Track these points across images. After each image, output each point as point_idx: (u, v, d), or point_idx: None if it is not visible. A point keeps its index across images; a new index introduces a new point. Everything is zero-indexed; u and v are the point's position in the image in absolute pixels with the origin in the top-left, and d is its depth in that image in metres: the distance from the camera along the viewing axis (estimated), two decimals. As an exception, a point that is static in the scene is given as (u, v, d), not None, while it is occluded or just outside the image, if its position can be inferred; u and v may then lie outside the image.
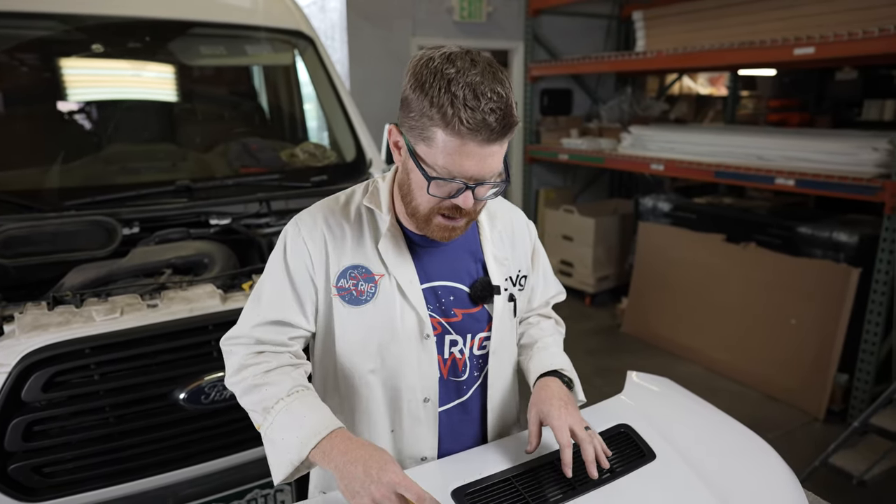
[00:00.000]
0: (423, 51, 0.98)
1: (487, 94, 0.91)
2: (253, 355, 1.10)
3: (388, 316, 1.10)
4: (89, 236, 1.90)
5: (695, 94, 7.27)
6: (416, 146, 0.97)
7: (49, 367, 1.53)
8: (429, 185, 0.97)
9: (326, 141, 2.91)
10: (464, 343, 1.17)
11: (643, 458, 1.19)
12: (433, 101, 0.91)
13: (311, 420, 1.01)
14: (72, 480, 1.59)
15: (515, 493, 1.07)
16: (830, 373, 3.40)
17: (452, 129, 0.91)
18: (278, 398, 1.04)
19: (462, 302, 1.16)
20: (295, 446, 0.99)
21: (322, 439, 0.98)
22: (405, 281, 1.11)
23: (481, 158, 0.94)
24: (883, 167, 3.07)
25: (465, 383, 1.20)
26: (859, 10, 3.17)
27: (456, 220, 1.03)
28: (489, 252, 1.19)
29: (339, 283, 1.10)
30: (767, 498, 1.16)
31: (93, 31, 2.39)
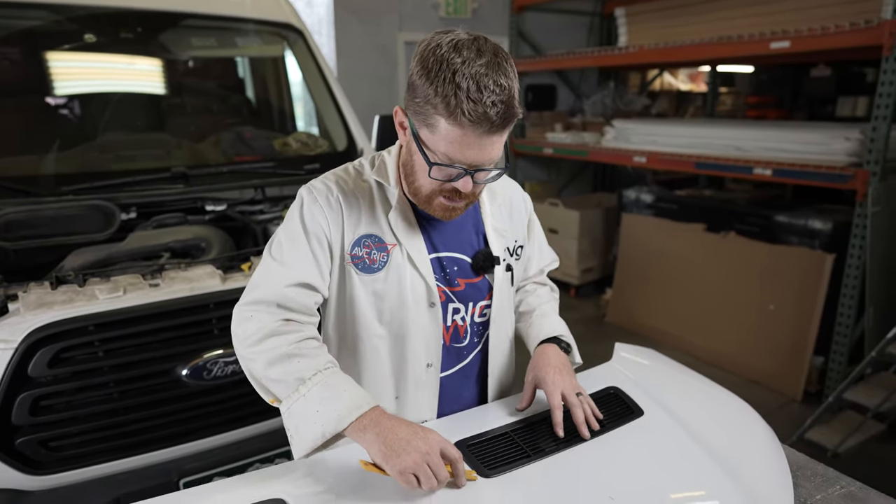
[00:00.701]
0: (433, 34, 1.00)
1: (490, 87, 0.93)
2: (283, 323, 1.07)
3: (399, 284, 1.15)
4: (88, 220, 1.93)
5: (675, 90, 7.43)
6: (420, 131, 1.01)
7: (54, 343, 1.56)
8: (430, 169, 1.02)
9: (317, 131, 2.95)
10: (465, 311, 1.23)
11: (632, 415, 1.27)
12: (438, 90, 0.94)
13: (351, 394, 1.01)
14: (77, 454, 1.63)
15: (513, 445, 1.14)
16: (807, 355, 3.52)
17: (455, 119, 0.94)
18: (316, 370, 1.02)
19: (465, 272, 1.22)
20: (332, 419, 0.98)
21: (363, 413, 0.99)
22: (415, 251, 1.15)
23: (481, 147, 0.98)
24: (855, 156, 3.20)
25: (465, 349, 1.26)
26: (833, 5, 3.30)
27: (456, 201, 1.08)
28: (490, 225, 1.25)
29: (353, 251, 1.13)
30: (748, 448, 1.24)
31: (85, 21, 2.41)
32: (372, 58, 4.84)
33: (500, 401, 1.32)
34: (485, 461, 1.08)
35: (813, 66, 6.86)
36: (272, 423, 1.89)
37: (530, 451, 1.11)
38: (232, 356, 1.76)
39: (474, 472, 1.04)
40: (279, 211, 2.36)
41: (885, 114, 2.96)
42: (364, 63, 4.82)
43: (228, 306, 1.76)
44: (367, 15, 4.75)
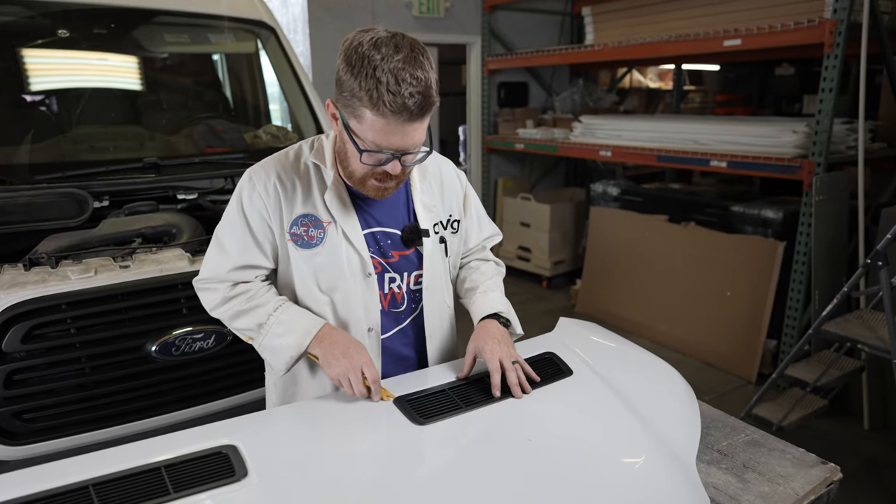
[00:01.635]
0: (355, 33, 1.11)
1: (408, 80, 1.04)
2: (231, 288, 1.30)
3: (336, 258, 1.28)
4: (61, 207, 2.02)
5: (645, 88, 7.62)
6: (349, 121, 1.12)
7: (28, 320, 1.65)
8: (361, 155, 1.13)
9: (289, 125, 3.05)
10: (401, 280, 1.36)
11: (561, 374, 1.39)
12: (361, 84, 1.05)
13: (302, 323, 1.26)
14: (51, 426, 1.72)
15: (449, 399, 1.26)
16: (760, 339, 3.70)
17: (378, 110, 1.06)
18: (268, 314, 1.27)
19: (397, 245, 1.34)
20: (294, 345, 1.25)
21: (315, 334, 1.25)
22: (349, 228, 1.28)
23: (404, 134, 1.10)
24: (801, 148, 3.38)
25: (403, 314, 1.39)
26: (782, 5, 3.47)
27: (387, 182, 1.20)
28: (419, 201, 1.37)
29: (291, 229, 1.27)
30: (664, 403, 1.37)
31: (59, 16, 2.48)
32: (346, 55, 4.93)
33: (443, 364, 1.44)
34: (420, 412, 1.20)
35: (777, 65, 7.10)
36: (240, 398, 2.00)
37: (462, 404, 1.24)
38: (200, 333, 1.86)
39: (390, 393, 1.24)
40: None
41: (827, 108, 3.14)
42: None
43: (196, 287, 1.90)
44: (341, 14, 4.85)
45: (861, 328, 2.66)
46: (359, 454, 1.09)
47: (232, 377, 1.98)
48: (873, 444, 3.10)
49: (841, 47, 3.02)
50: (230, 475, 0.99)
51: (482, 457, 1.11)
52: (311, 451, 1.09)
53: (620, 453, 1.17)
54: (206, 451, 1.05)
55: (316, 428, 1.16)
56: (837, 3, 3.01)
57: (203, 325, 1.87)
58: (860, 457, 2.98)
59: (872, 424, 3.20)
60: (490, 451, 1.12)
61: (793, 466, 1.23)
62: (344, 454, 1.09)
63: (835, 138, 3.32)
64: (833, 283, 3.30)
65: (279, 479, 1.00)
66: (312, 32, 4.77)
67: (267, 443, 1.11)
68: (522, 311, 1.39)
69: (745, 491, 1.17)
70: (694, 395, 1.47)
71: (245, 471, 1.00)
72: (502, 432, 1.17)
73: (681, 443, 1.24)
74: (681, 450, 1.22)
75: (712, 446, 1.33)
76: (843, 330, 2.64)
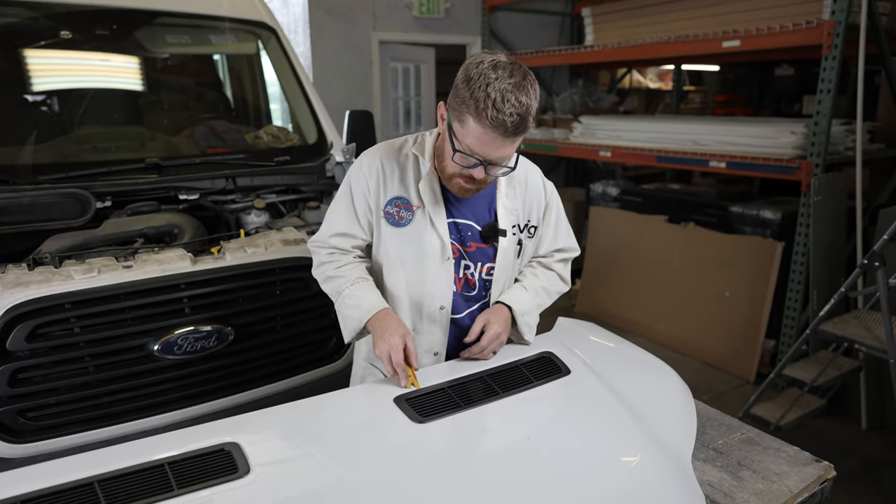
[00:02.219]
0: (480, 52, 1.30)
1: (512, 101, 1.20)
2: (328, 255, 1.52)
3: (419, 239, 1.45)
4: (64, 207, 2.04)
5: (645, 88, 7.63)
6: (454, 123, 1.29)
7: (31, 319, 1.67)
8: (454, 154, 1.29)
9: (290, 126, 3.07)
10: (475, 268, 1.52)
11: (559, 373, 1.41)
12: (473, 94, 1.21)
13: (367, 301, 1.44)
14: (55, 424, 1.73)
15: (447, 398, 1.28)
16: (759, 339, 3.71)
17: (479, 120, 1.22)
18: (345, 286, 1.47)
19: (476, 237, 1.50)
20: (357, 318, 1.44)
21: (374, 314, 1.42)
22: (435, 214, 1.45)
23: (495, 147, 1.25)
24: (800, 149, 3.39)
25: (474, 298, 1.55)
26: (781, 7, 3.49)
27: (470, 184, 1.36)
28: (501, 203, 1.51)
29: (385, 208, 1.46)
30: (661, 402, 1.39)
31: (61, 18, 2.50)
32: (346, 56, 4.96)
33: (454, 361, 1.48)
34: (420, 410, 1.22)
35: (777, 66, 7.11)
36: (242, 397, 2.01)
37: (461, 402, 1.25)
38: (202, 333, 1.88)
39: (418, 382, 1.33)
40: (250, 200, 2.47)
41: (825, 109, 3.15)
42: (339, 61, 4.94)
43: (198, 286, 1.92)
44: (342, 14, 4.86)
45: (858, 328, 2.67)
46: (359, 452, 1.11)
47: (234, 376, 2.00)
48: (871, 443, 3.12)
49: (839, 49, 3.04)
50: (233, 472, 1.01)
51: (481, 455, 1.13)
52: (312, 449, 1.11)
53: (617, 451, 1.19)
54: (209, 448, 1.06)
55: (317, 425, 1.17)
56: (835, 4, 3.02)
57: (205, 324, 1.89)
58: (858, 456, 3.00)
59: (870, 424, 3.21)
60: (488, 449, 1.14)
61: (787, 464, 1.25)
62: (345, 452, 1.10)
63: (833, 139, 3.34)
64: (831, 284, 3.32)
65: (280, 476, 1.02)
66: (313, 33, 4.78)
67: (269, 440, 1.13)
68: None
69: (739, 488, 1.19)
70: (690, 394, 1.48)
71: (247, 468, 1.02)
72: (501, 430, 1.19)
73: (677, 441, 1.26)
74: (677, 448, 1.24)
75: (708, 444, 1.34)
76: (841, 330, 2.66)
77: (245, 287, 2.00)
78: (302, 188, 2.66)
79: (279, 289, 2.07)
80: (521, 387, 1.32)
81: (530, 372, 1.38)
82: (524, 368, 1.40)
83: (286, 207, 2.65)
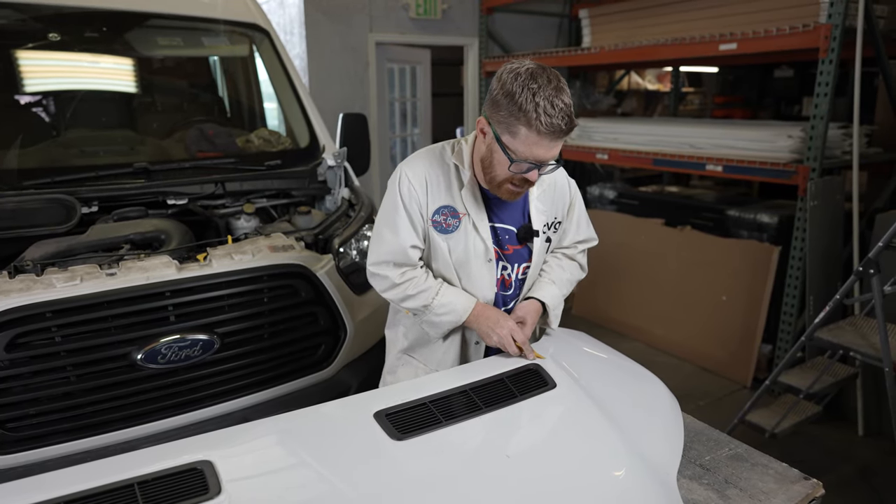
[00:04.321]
0: (510, 63, 1.36)
1: (560, 106, 1.29)
2: (401, 275, 1.55)
3: (466, 243, 1.54)
4: (49, 213, 2.01)
5: (643, 90, 7.60)
6: (502, 136, 1.35)
7: (11, 329, 1.65)
8: (510, 165, 1.36)
9: (282, 129, 3.04)
10: (511, 269, 1.61)
11: (545, 386, 1.39)
12: (521, 106, 1.28)
13: (461, 302, 1.54)
14: (35, 435, 1.71)
15: (428, 413, 1.25)
16: (756, 344, 3.69)
17: (534, 129, 1.29)
18: (432, 297, 1.54)
19: (513, 239, 1.59)
20: (454, 322, 1.55)
21: (471, 311, 1.54)
22: (479, 220, 1.53)
23: (548, 149, 1.34)
24: (797, 153, 3.36)
25: (510, 297, 1.65)
26: (777, 10, 3.46)
27: (522, 188, 1.44)
28: (534, 206, 1.60)
29: (434, 217, 1.52)
30: (647, 416, 1.37)
31: (51, 20, 2.47)
32: (343, 57, 4.93)
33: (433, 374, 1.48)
34: (399, 426, 1.19)
35: (776, 68, 7.07)
36: (226, 406, 1.99)
37: (442, 418, 1.23)
38: (186, 341, 1.85)
39: (541, 354, 1.51)
40: (240, 205, 2.45)
41: (822, 113, 3.12)
42: (335, 63, 4.91)
43: (184, 294, 1.89)
44: (338, 15, 4.83)
45: (854, 335, 2.64)
46: (334, 471, 1.08)
47: (220, 385, 1.97)
48: (867, 450, 3.09)
49: (836, 52, 3.00)
50: (203, 493, 0.98)
51: (460, 473, 1.10)
52: (286, 467, 1.09)
53: (600, 469, 1.17)
54: (180, 467, 1.04)
55: (293, 443, 1.15)
56: (832, 8, 2.99)
57: (190, 332, 1.86)
58: (854, 463, 2.97)
59: (866, 431, 3.18)
60: (468, 468, 1.12)
61: (775, 482, 1.22)
62: (320, 471, 1.08)
63: (830, 143, 3.31)
64: (828, 288, 3.29)
65: (252, 496, 0.99)
66: (309, 34, 4.75)
67: (243, 458, 1.10)
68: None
69: (725, 507, 1.16)
70: (679, 408, 1.46)
71: (218, 488, 0.99)
72: (481, 448, 1.17)
73: (663, 458, 1.24)
74: (662, 465, 1.22)
75: (695, 461, 1.32)
76: (836, 337, 2.63)
77: (231, 295, 1.97)
78: (293, 193, 2.63)
79: (266, 296, 2.04)
80: (504, 401, 1.30)
81: (515, 385, 1.36)
82: (509, 382, 1.37)
83: (277, 212, 2.63)
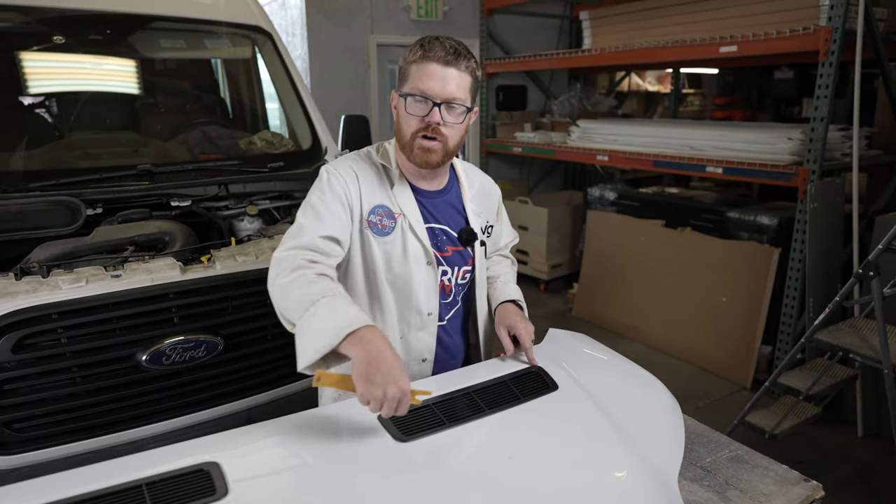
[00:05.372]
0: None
1: (446, 40, 1.30)
2: (308, 262, 1.26)
3: (404, 246, 1.43)
4: (54, 215, 2.02)
5: (644, 91, 7.61)
6: (401, 88, 1.35)
7: (18, 330, 1.66)
8: (405, 102, 1.31)
9: (285, 131, 3.05)
10: (451, 273, 1.52)
11: (547, 389, 1.40)
12: (411, 52, 1.32)
13: (352, 313, 1.15)
14: (41, 435, 1.72)
15: (432, 415, 1.26)
16: (756, 345, 3.70)
17: (418, 59, 1.30)
18: (325, 294, 1.17)
19: (452, 241, 1.51)
20: (333, 331, 1.10)
21: (360, 328, 1.11)
22: (414, 220, 1.43)
23: (441, 79, 1.28)
24: (797, 155, 3.38)
25: (450, 304, 1.55)
26: (778, 12, 3.47)
27: (433, 141, 1.33)
28: (470, 207, 1.54)
29: (369, 217, 1.40)
30: (648, 419, 1.38)
31: (54, 23, 2.49)
32: (344, 59, 4.94)
33: (445, 374, 1.48)
34: (403, 428, 1.21)
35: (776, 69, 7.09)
36: (231, 407, 2.00)
37: (445, 420, 1.24)
38: (191, 343, 1.87)
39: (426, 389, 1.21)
40: (243, 207, 2.46)
41: (822, 115, 3.14)
42: (337, 64, 4.92)
43: (188, 296, 1.90)
44: (340, 17, 4.85)
45: (853, 337, 2.66)
46: (340, 472, 1.10)
47: (224, 386, 1.99)
48: (866, 451, 3.11)
49: (836, 55, 3.02)
50: (210, 494, 1.00)
51: (464, 475, 1.12)
52: (292, 469, 1.10)
53: (602, 471, 1.18)
54: (187, 468, 1.05)
55: (298, 444, 1.16)
56: (832, 10, 3.01)
57: (194, 334, 1.88)
58: (853, 464, 2.99)
59: (866, 432, 3.20)
60: (472, 469, 1.13)
61: (775, 484, 1.24)
62: (326, 472, 1.09)
63: (830, 145, 3.32)
64: (827, 290, 3.30)
65: (259, 497, 1.01)
66: (310, 36, 4.77)
67: (249, 459, 1.12)
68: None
69: (726, 509, 1.18)
70: (679, 410, 1.47)
71: (226, 489, 1.01)
72: (485, 449, 1.18)
73: (664, 460, 1.25)
74: (663, 467, 1.23)
75: (696, 462, 1.33)
76: (836, 339, 2.64)
77: (235, 296, 1.98)
78: (295, 194, 2.64)
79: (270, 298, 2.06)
80: (507, 403, 1.31)
81: (517, 388, 1.37)
82: (511, 384, 1.39)
83: (280, 213, 2.64)
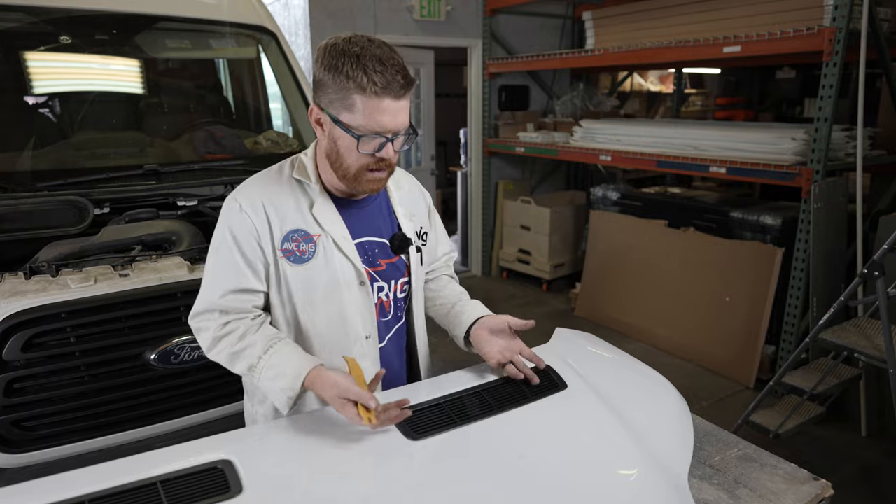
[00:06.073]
0: (326, 41, 1.19)
1: (391, 62, 1.14)
2: (221, 327, 1.27)
3: (329, 269, 1.30)
4: (62, 215, 2.03)
5: (646, 92, 7.62)
6: (339, 115, 1.18)
7: (27, 329, 1.67)
8: (358, 143, 1.17)
9: (289, 130, 3.06)
10: (389, 288, 1.40)
11: (556, 388, 1.40)
12: (349, 75, 1.13)
13: (292, 365, 1.22)
14: (50, 434, 1.73)
15: (443, 413, 1.27)
16: (759, 345, 3.71)
17: (370, 91, 1.13)
18: (258, 356, 1.24)
19: (385, 253, 1.38)
20: (287, 387, 1.22)
21: (305, 376, 1.21)
22: (340, 238, 1.30)
23: (394, 113, 1.17)
24: (800, 155, 3.38)
25: (391, 322, 1.43)
26: (781, 13, 3.48)
27: (381, 171, 1.24)
28: (400, 210, 1.42)
29: (283, 245, 1.27)
30: (657, 417, 1.38)
31: (61, 23, 2.50)
32: (347, 58, 4.94)
33: (435, 378, 1.46)
34: (414, 427, 1.21)
35: (778, 69, 7.10)
36: (239, 406, 2.00)
37: (457, 418, 1.25)
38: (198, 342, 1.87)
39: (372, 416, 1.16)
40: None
41: (826, 115, 3.14)
42: (340, 64, 4.92)
43: (195, 295, 1.90)
44: (343, 18, 4.85)
45: (858, 337, 2.66)
46: (353, 470, 1.10)
47: (231, 384, 1.99)
48: (870, 451, 3.11)
49: (840, 55, 3.02)
50: (225, 491, 1.00)
51: (476, 473, 1.12)
52: (305, 467, 1.11)
53: (613, 469, 1.18)
54: (201, 466, 1.06)
55: (311, 442, 1.17)
56: (836, 11, 3.01)
57: (202, 333, 1.88)
58: (857, 464, 2.99)
59: (870, 432, 3.20)
60: (484, 467, 1.13)
61: (784, 482, 1.24)
62: (338, 470, 1.10)
63: (834, 145, 3.33)
64: (831, 290, 3.31)
65: (273, 495, 1.01)
66: (314, 36, 4.78)
67: (262, 458, 1.12)
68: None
69: (736, 507, 1.18)
70: (688, 410, 1.48)
71: (240, 487, 1.01)
72: (496, 448, 1.18)
73: (673, 458, 1.25)
74: (673, 465, 1.23)
75: (705, 461, 1.34)
76: (840, 339, 2.65)
77: (242, 295, 2.00)
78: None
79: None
80: (517, 402, 1.32)
81: (527, 387, 1.37)
82: (521, 383, 1.39)
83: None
